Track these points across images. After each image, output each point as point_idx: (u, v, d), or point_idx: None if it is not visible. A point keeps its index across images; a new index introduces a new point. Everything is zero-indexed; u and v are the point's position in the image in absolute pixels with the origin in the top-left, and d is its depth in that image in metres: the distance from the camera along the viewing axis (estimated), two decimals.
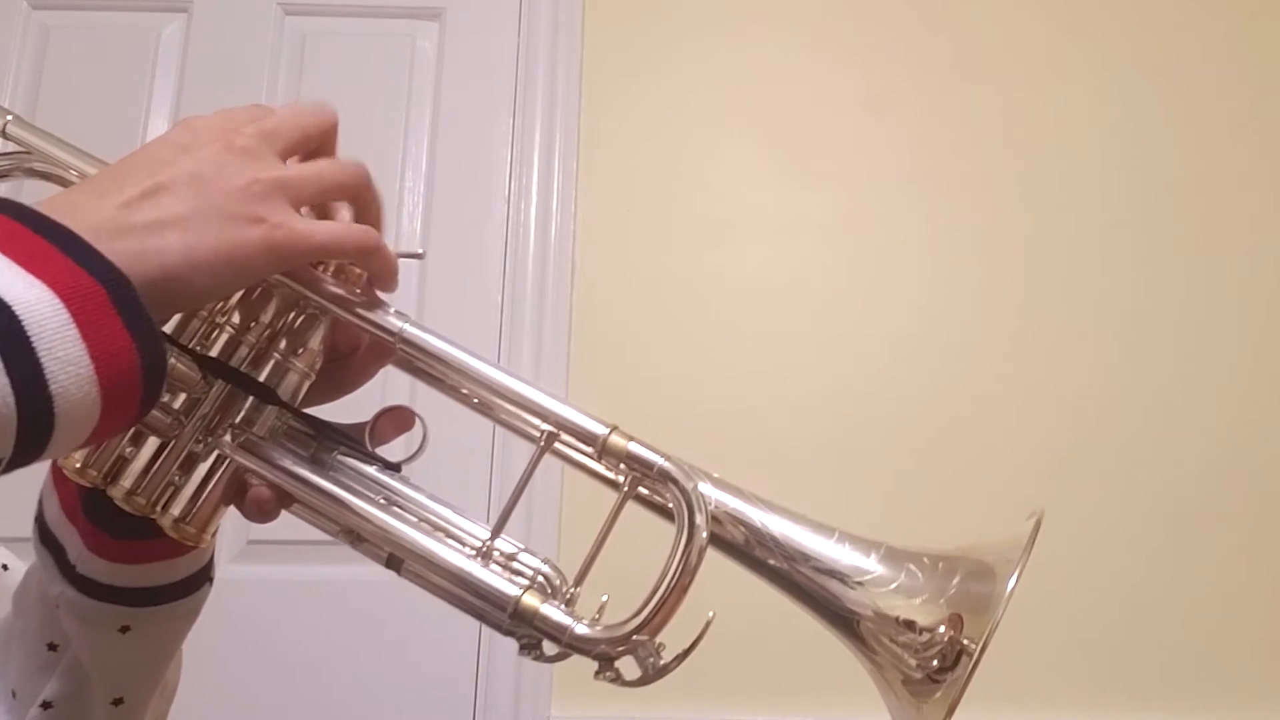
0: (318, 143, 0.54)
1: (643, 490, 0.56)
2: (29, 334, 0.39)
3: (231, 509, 0.58)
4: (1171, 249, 1.84)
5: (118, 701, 0.62)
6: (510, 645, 1.79)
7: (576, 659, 0.53)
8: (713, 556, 0.53)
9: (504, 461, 1.71)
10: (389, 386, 0.65)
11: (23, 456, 0.41)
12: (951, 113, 1.89)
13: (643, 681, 0.52)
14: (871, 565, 0.55)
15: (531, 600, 0.52)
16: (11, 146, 0.60)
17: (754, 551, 0.56)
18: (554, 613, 0.52)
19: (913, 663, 0.54)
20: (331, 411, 0.59)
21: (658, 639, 0.52)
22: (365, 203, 0.55)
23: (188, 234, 0.46)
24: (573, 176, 1.85)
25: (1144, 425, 1.76)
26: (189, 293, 0.47)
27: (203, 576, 0.63)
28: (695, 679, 1.61)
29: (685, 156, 1.87)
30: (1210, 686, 1.67)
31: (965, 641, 0.53)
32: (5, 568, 0.71)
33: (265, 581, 1.65)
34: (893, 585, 0.54)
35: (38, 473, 0.64)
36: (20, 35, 1.91)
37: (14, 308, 0.39)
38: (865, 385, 1.77)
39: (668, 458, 0.54)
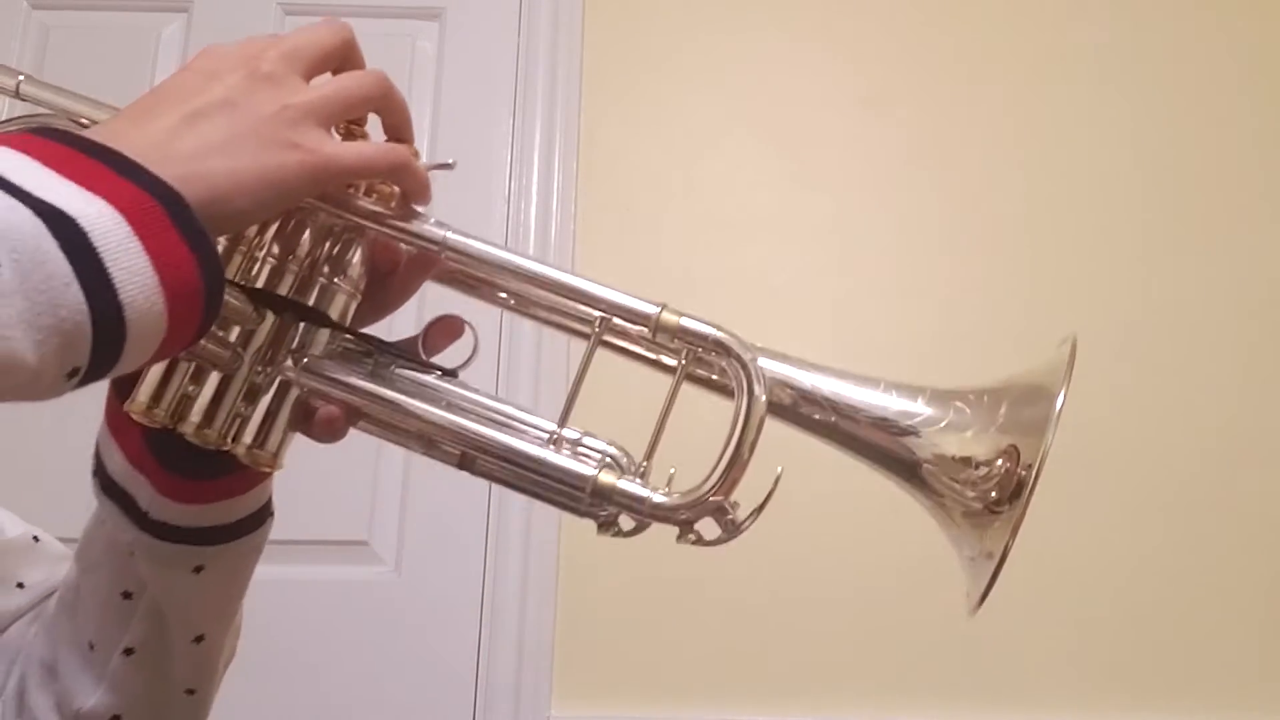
0: (339, 59, 0.55)
1: (697, 369, 0.58)
2: (95, 245, 0.40)
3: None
4: (1171, 246, 1.84)
5: (199, 639, 0.63)
6: (510, 645, 1.80)
7: (587, 658, 0.54)
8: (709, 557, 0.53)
9: (548, 368, 1.72)
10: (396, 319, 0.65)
11: (97, 368, 0.41)
12: (951, 112, 1.88)
13: (723, 539, 0.54)
14: (920, 408, 0.58)
15: (608, 477, 0.54)
16: (26, 108, 0.60)
17: (807, 411, 0.58)
18: (631, 486, 0.54)
19: (971, 495, 0.56)
20: (378, 332, 0.60)
21: (731, 498, 0.54)
22: (390, 111, 0.56)
23: (229, 158, 0.47)
24: (573, 176, 1.84)
25: (1143, 423, 1.76)
26: (234, 215, 0.48)
27: (265, 512, 0.64)
28: (696, 679, 1.65)
29: (685, 156, 1.86)
30: (1210, 686, 1.67)
31: (1021, 472, 0.55)
32: (37, 539, 0.72)
33: (265, 581, 1.63)
34: (943, 424, 0.57)
35: (58, 474, 0.65)
36: (20, 35, 1.88)
37: (79, 220, 0.40)
38: None
39: (720, 328, 0.56)
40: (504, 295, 0.60)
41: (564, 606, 1.66)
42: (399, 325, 0.61)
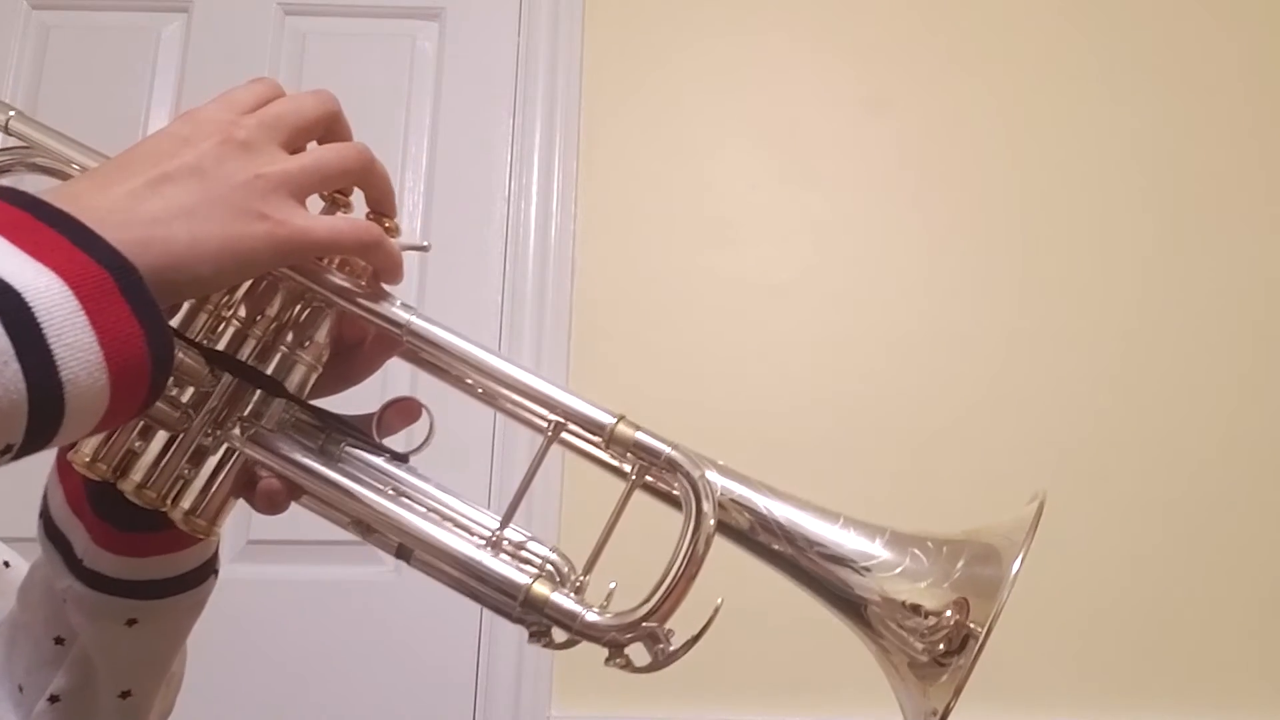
0: (323, 129, 0.54)
1: (649, 479, 0.57)
2: (39, 320, 0.39)
3: (241, 503, 0.58)
4: (1170, 247, 1.84)
5: (125, 694, 0.62)
6: (510, 645, 1.80)
7: (584, 649, 0.54)
8: (717, 551, 0.53)
9: (505, 453, 1.72)
10: (390, 378, 0.65)
11: (31, 444, 0.41)
12: (950, 112, 1.89)
13: (652, 668, 0.52)
14: (877, 550, 0.56)
15: (542, 588, 0.53)
16: (13, 142, 0.60)
17: (760, 538, 0.57)
18: (564, 600, 0.53)
19: (919, 646, 0.54)
20: (335, 404, 0.60)
21: (667, 625, 0.52)
22: (371, 185, 0.55)
23: (193, 224, 0.46)
24: (573, 176, 1.85)
25: (1143, 423, 1.76)
26: (194, 282, 0.47)
27: (208, 569, 0.63)
28: (696, 679, 1.64)
29: (685, 156, 1.87)
30: (1210, 686, 1.68)
31: (971, 625, 0.53)
32: (7, 564, 0.71)
33: (265, 581, 1.65)
34: (898, 570, 0.55)
35: (39, 471, 0.64)
36: (20, 35, 1.91)
37: (24, 294, 0.39)
38: (864, 384, 1.77)
39: (675, 446, 0.54)
40: (470, 383, 0.59)
41: None
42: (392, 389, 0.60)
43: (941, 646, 0.54)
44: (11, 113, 0.59)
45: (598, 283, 1.81)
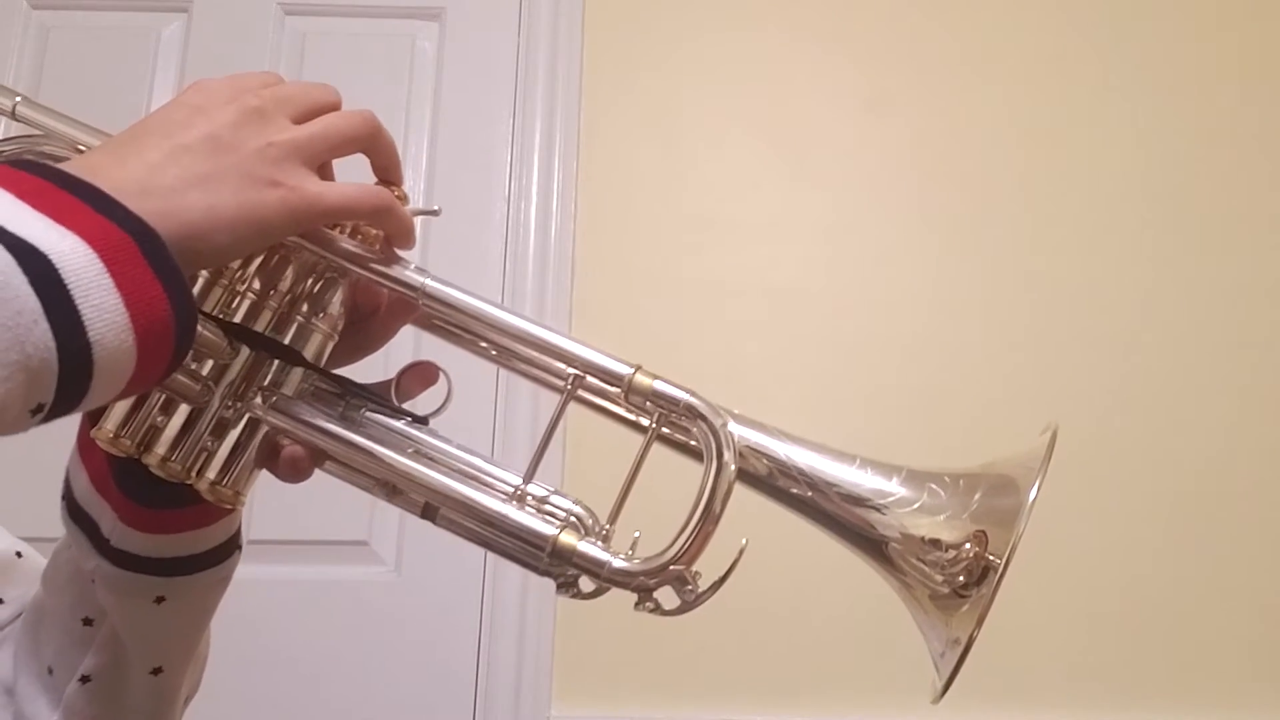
0: (324, 114, 0.55)
1: (666, 431, 0.57)
2: (66, 281, 0.40)
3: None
4: (1173, 246, 1.84)
5: (157, 671, 0.62)
6: (510, 645, 1.80)
7: (584, 647, 0.54)
8: (718, 550, 0.54)
9: (507, 419, 1.72)
10: (393, 349, 0.65)
11: (62, 405, 0.41)
12: (952, 111, 1.89)
13: (682, 610, 0.53)
14: (894, 488, 0.57)
15: (569, 538, 0.53)
16: (20, 129, 0.60)
17: (779, 483, 0.57)
18: (591, 549, 0.53)
19: (939, 579, 0.55)
20: (351, 375, 0.60)
21: (693, 568, 0.53)
22: (378, 152, 0.56)
23: (209, 193, 0.47)
24: (573, 176, 1.85)
25: (1144, 423, 1.76)
26: (211, 250, 0.48)
27: (232, 544, 0.63)
28: (695, 679, 1.64)
29: (685, 156, 1.87)
30: (1209, 686, 1.67)
31: (990, 557, 0.54)
32: (20, 555, 0.72)
33: (265, 581, 1.65)
34: (916, 505, 0.56)
35: (48, 470, 0.65)
36: (20, 35, 1.90)
37: (50, 256, 0.40)
38: (866, 384, 1.76)
39: (693, 393, 0.55)
40: (485, 345, 0.59)
41: (564, 606, 1.66)
42: (395, 362, 0.61)
43: (961, 578, 0.55)
44: (18, 99, 0.59)
45: (598, 283, 1.81)
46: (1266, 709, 1.67)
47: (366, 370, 0.60)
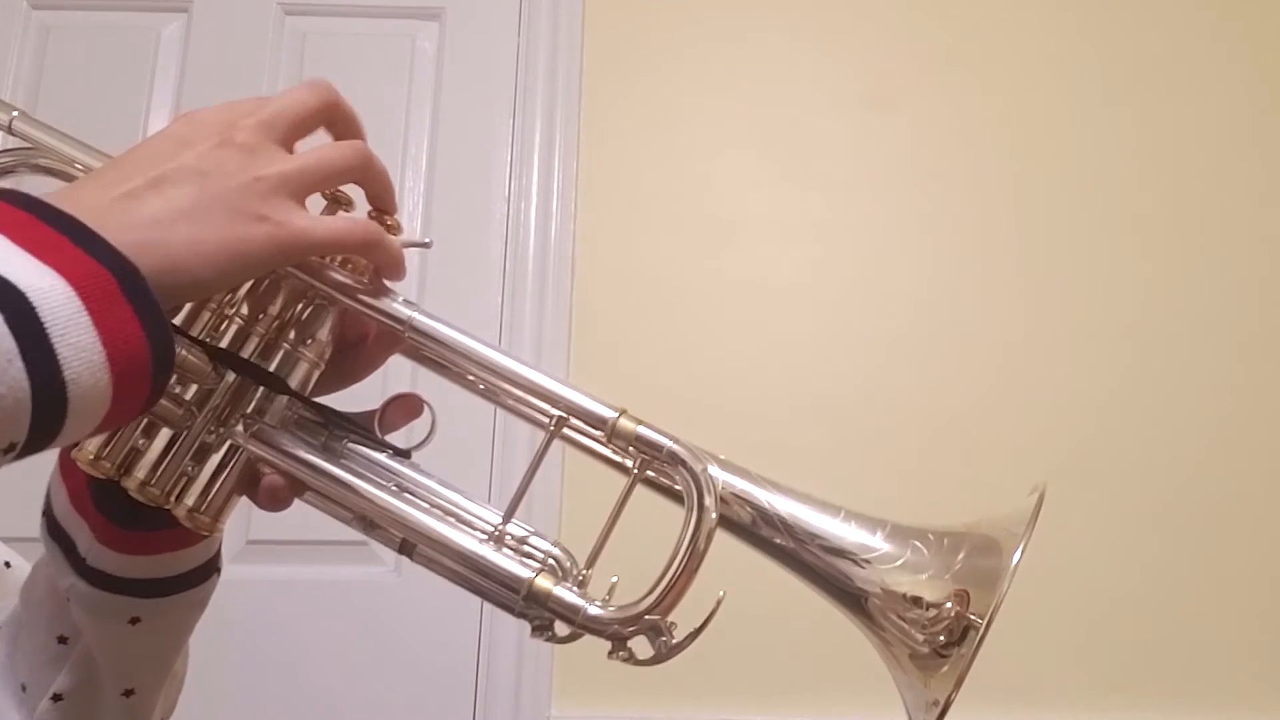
0: (323, 120, 0.54)
1: (650, 474, 0.57)
2: (43, 320, 0.39)
3: (241, 503, 0.58)
4: (1170, 247, 1.85)
5: (129, 693, 0.62)
6: (510, 645, 1.79)
7: (585, 647, 0.54)
8: (716, 551, 0.53)
9: (505, 451, 1.73)
10: (391, 375, 0.65)
11: (35, 443, 0.41)
12: (951, 112, 1.90)
13: (655, 660, 0.52)
14: (877, 543, 0.56)
15: (544, 582, 0.53)
16: (16, 143, 0.60)
17: (761, 531, 0.57)
18: (567, 594, 0.53)
19: (920, 638, 0.55)
20: (337, 402, 0.60)
21: (669, 618, 0.52)
22: (371, 181, 0.56)
23: (193, 227, 0.46)
24: (573, 176, 1.85)
25: (1142, 424, 1.76)
26: (194, 284, 0.47)
27: (210, 567, 0.63)
28: (696, 679, 1.64)
29: (685, 156, 1.87)
30: (1209, 686, 1.68)
31: (971, 616, 0.53)
32: (8, 565, 0.71)
33: (265, 581, 1.65)
34: (899, 562, 0.55)
35: (41, 471, 0.64)
36: (20, 35, 1.91)
37: (27, 294, 0.39)
38: (865, 385, 1.77)
39: (676, 440, 0.55)
40: (472, 379, 0.59)
41: None
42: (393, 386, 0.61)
43: (942, 638, 0.54)
44: (15, 113, 0.59)
45: (598, 283, 1.81)
46: (1266, 709, 1.67)
47: (362, 394, 0.60)
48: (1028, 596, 1.62)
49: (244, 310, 0.57)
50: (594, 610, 0.52)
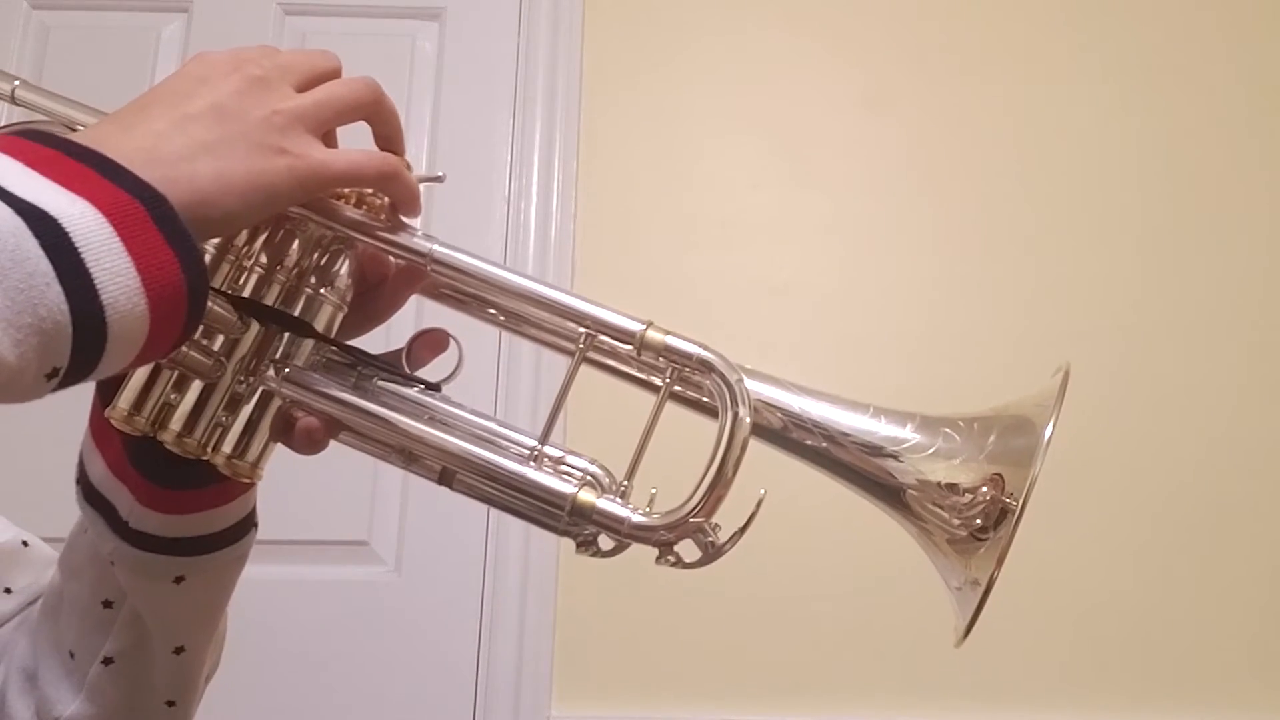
0: (331, 80, 0.55)
1: (678, 389, 0.58)
2: (76, 245, 0.39)
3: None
4: (1171, 248, 1.84)
5: (179, 650, 0.62)
6: (510, 645, 1.79)
7: (585, 650, 0.53)
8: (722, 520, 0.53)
9: (510, 382, 1.73)
10: (395, 322, 0.65)
11: (77, 370, 0.41)
12: (951, 111, 1.88)
13: (703, 561, 0.53)
14: (909, 434, 0.57)
15: (588, 495, 0.53)
16: (21, 114, 0.60)
17: (794, 435, 0.58)
18: (610, 505, 0.53)
19: (957, 523, 0.56)
20: (362, 346, 0.60)
21: (713, 520, 0.53)
22: (381, 120, 0.56)
23: (216, 162, 0.47)
24: (573, 176, 1.84)
25: (1142, 424, 1.75)
26: (221, 217, 0.47)
27: (249, 523, 0.64)
28: (696, 679, 1.64)
29: (685, 156, 1.86)
30: (1209, 686, 1.67)
31: (1006, 500, 0.54)
32: (26, 544, 0.72)
33: (265, 581, 1.64)
34: (931, 450, 0.56)
35: (50, 470, 0.65)
36: (20, 35, 1.90)
37: (60, 220, 0.39)
38: (866, 384, 1.74)
39: (706, 347, 0.55)
40: (493, 311, 0.59)
41: (564, 606, 1.66)
42: (396, 336, 0.61)
43: (979, 521, 0.55)
44: (16, 82, 0.59)
45: (597, 283, 1.79)
46: (1265, 709, 1.66)
47: (370, 344, 0.60)
48: (1026, 596, 1.64)
49: (263, 260, 0.57)
50: (639, 518, 0.53)
